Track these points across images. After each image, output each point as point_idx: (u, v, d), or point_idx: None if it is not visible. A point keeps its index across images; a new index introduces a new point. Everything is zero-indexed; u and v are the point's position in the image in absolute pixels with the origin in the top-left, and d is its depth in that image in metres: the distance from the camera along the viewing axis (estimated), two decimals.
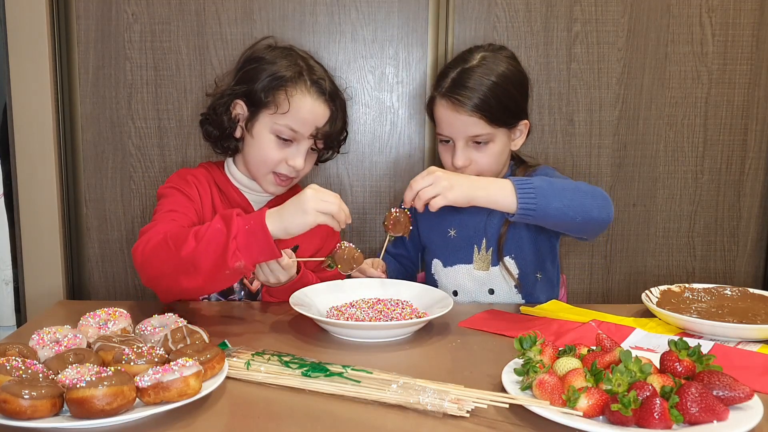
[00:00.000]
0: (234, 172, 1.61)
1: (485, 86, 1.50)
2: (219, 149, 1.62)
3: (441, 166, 1.93)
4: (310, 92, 1.51)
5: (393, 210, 1.48)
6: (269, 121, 1.51)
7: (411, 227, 1.48)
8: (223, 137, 1.58)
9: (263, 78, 1.51)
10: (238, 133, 1.57)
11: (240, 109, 1.55)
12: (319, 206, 1.26)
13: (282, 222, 1.26)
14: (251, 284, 1.57)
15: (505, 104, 1.53)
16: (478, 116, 1.50)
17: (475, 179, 1.36)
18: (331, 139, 1.57)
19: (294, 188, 1.64)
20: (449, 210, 1.67)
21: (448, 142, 1.57)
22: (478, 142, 1.54)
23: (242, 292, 1.57)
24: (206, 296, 1.55)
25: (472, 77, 1.51)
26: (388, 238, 1.48)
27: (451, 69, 1.55)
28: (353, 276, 1.54)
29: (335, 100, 1.56)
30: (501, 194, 1.32)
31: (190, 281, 1.27)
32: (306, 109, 1.50)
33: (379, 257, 1.56)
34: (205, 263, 1.24)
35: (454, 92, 1.50)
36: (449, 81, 1.53)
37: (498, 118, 1.52)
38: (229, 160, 1.62)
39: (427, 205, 1.34)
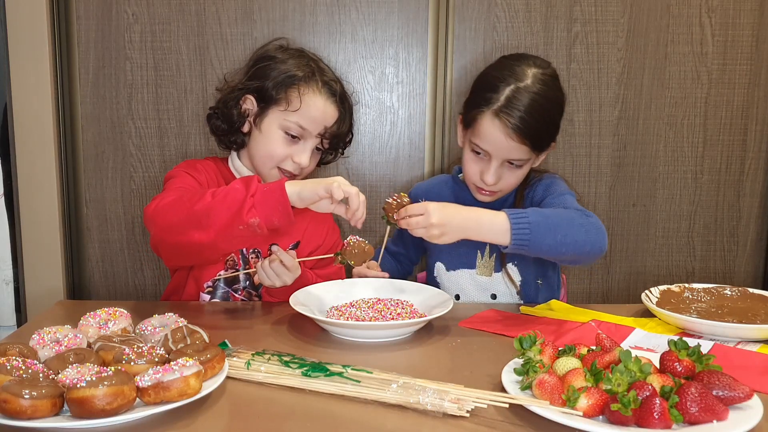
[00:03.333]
0: (238, 166, 1.62)
1: (540, 116, 1.46)
2: (224, 144, 1.64)
3: (442, 167, 1.94)
4: (321, 92, 1.55)
5: (393, 196, 1.42)
6: (279, 117, 1.53)
7: None
8: (231, 131, 1.60)
9: (276, 75, 1.54)
10: (246, 128, 1.59)
11: (250, 104, 1.57)
12: (343, 184, 1.28)
13: (300, 185, 1.28)
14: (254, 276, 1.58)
15: (551, 132, 1.53)
16: (523, 142, 1.46)
17: (468, 213, 1.32)
18: (337, 140, 1.60)
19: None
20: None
21: (479, 153, 1.52)
22: (512, 164, 1.51)
23: (247, 282, 1.58)
24: (210, 287, 1.56)
25: (529, 102, 1.45)
26: (389, 230, 1.46)
27: (502, 83, 1.48)
28: (353, 276, 1.54)
29: (344, 102, 1.59)
30: (495, 229, 1.30)
31: (202, 235, 1.27)
32: (316, 108, 1.53)
33: (377, 261, 1.56)
34: (219, 217, 1.26)
35: (509, 114, 1.44)
36: (503, 99, 1.46)
37: (540, 147, 1.51)
38: (234, 154, 1.64)
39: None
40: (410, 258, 1.79)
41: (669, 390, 0.90)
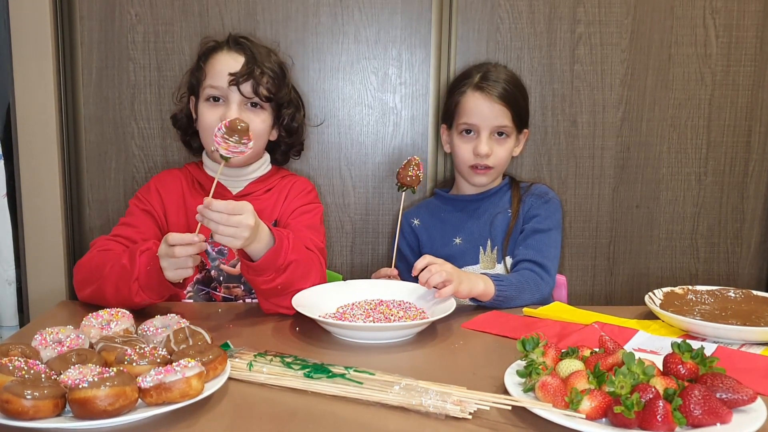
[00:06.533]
0: (207, 162, 1.65)
1: (514, 86, 1.70)
2: (191, 149, 1.72)
3: (444, 168, 1.94)
4: (221, 50, 1.60)
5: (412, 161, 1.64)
6: (201, 93, 1.60)
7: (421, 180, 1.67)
8: (187, 133, 1.69)
9: (192, 65, 1.66)
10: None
11: (192, 103, 1.66)
12: (177, 276, 1.33)
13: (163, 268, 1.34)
14: (234, 267, 1.57)
15: (525, 107, 1.73)
16: (505, 106, 1.66)
17: (471, 277, 1.45)
18: (257, 83, 1.56)
19: (279, 171, 1.71)
20: (453, 219, 1.75)
21: (469, 133, 1.69)
22: (500, 134, 1.68)
23: (221, 278, 1.58)
24: (190, 292, 1.59)
25: (504, 77, 1.70)
26: (403, 196, 1.65)
27: (474, 70, 1.73)
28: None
29: (249, 49, 1.60)
30: (486, 291, 1.45)
31: (109, 305, 1.34)
32: (219, 63, 1.58)
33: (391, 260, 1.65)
34: (115, 300, 1.38)
35: (488, 84, 1.68)
36: (479, 77, 1.70)
37: (517, 114, 1.69)
38: (203, 153, 1.67)
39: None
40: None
41: (672, 392, 0.90)
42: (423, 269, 1.39)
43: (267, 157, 1.69)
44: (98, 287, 1.41)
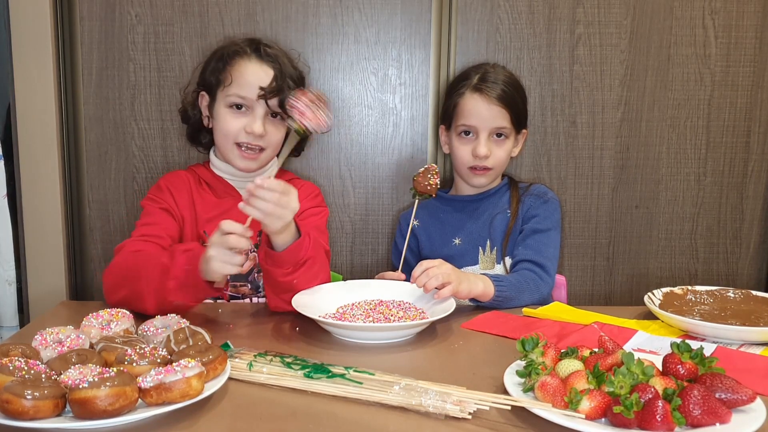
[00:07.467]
0: (216, 162, 1.65)
1: (512, 87, 1.69)
2: (199, 145, 1.73)
3: (444, 169, 1.94)
4: (249, 58, 1.59)
5: (420, 170, 1.65)
6: (222, 97, 1.59)
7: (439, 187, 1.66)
8: (197, 130, 1.69)
9: (211, 62, 1.63)
10: (209, 123, 1.65)
11: (204, 100, 1.65)
12: (223, 269, 1.29)
13: (204, 266, 1.31)
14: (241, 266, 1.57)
15: (524, 108, 1.73)
16: (504, 108, 1.66)
17: (471, 277, 1.45)
18: (284, 99, 1.55)
19: (285, 174, 1.70)
20: (452, 220, 1.75)
21: (468, 134, 1.68)
22: (499, 135, 1.68)
23: (228, 276, 1.58)
24: None
25: (502, 78, 1.69)
26: (416, 203, 1.65)
27: (472, 71, 1.72)
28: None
29: (277, 61, 1.60)
30: (485, 292, 1.45)
31: (145, 309, 1.35)
32: (248, 73, 1.57)
33: (397, 265, 1.65)
34: (151, 300, 1.35)
35: (486, 86, 1.67)
36: (477, 78, 1.69)
37: (516, 116, 1.69)
38: (211, 153, 1.68)
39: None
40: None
41: (672, 392, 0.90)
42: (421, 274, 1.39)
43: (275, 159, 1.69)
44: (135, 289, 1.37)
